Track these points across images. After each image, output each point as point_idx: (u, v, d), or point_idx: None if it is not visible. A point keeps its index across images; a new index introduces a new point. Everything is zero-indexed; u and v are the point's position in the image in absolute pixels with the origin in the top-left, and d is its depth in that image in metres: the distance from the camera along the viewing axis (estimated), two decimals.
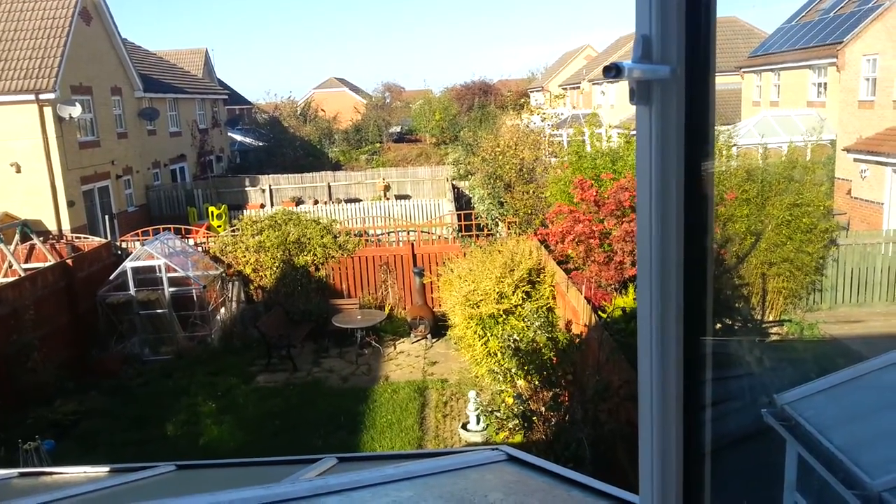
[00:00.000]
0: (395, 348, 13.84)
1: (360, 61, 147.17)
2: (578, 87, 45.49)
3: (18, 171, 18.69)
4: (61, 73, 19.05)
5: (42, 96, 18.55)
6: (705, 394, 1.25)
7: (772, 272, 12.67)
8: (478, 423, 9.76)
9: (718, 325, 10.60)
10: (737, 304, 12.35)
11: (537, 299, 11.34)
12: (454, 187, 26.06)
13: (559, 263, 11.57)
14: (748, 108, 26.91)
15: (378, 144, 43.63)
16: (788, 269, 12.70)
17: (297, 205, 24.99)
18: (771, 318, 12.88)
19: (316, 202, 26.76)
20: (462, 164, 29.16)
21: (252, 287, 15.31)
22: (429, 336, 14.02)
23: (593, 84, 42.94)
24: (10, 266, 14.52)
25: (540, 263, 11.76)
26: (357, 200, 26.94)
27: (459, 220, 17.48)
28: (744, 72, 27.32)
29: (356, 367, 12.95)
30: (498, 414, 8.71)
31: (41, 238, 15.86)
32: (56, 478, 4.26)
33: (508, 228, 16.04)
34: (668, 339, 1.20)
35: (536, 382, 8.66)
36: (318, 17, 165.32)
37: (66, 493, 3.19)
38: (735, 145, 15.81)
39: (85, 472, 4.21)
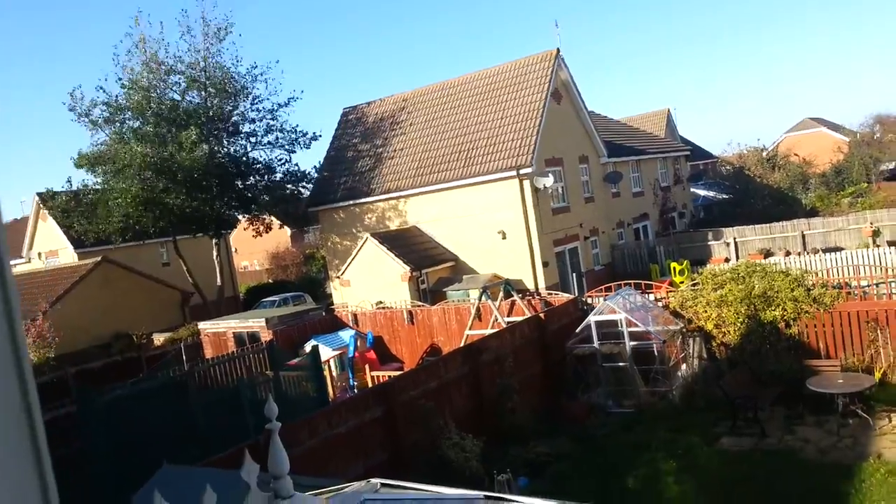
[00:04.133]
0: (889, 421, 11.54)
1: (841, 95, 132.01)
2: None
3: (504, 237, 21.58)
4: (537, 150, 21.54)
5: (521, 171, 21.20)
6: None
7: None
8: None
9: None
10: None
11: None
12: None
13: None
14: None
15: (864, 185, 38.26)
16: None
17: (765, 257, 23.25)
18: None
19: (788, 253, 24.50)
20: None
21: (714, 343, 14.61)
22: None
23: None
24: (496, 319, 16.67)
25: None
26: (838, 249, 23.81)
27: None
28: None
29: (838, 439, 11.17)
30: None
31: (520, 295, 17.86)
32: None
33: None
34: None
35: None
36: (785, 56, 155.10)
37: None
38: None
39: None
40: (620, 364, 14.30)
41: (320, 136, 27.79)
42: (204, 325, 20.41)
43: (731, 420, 12.37)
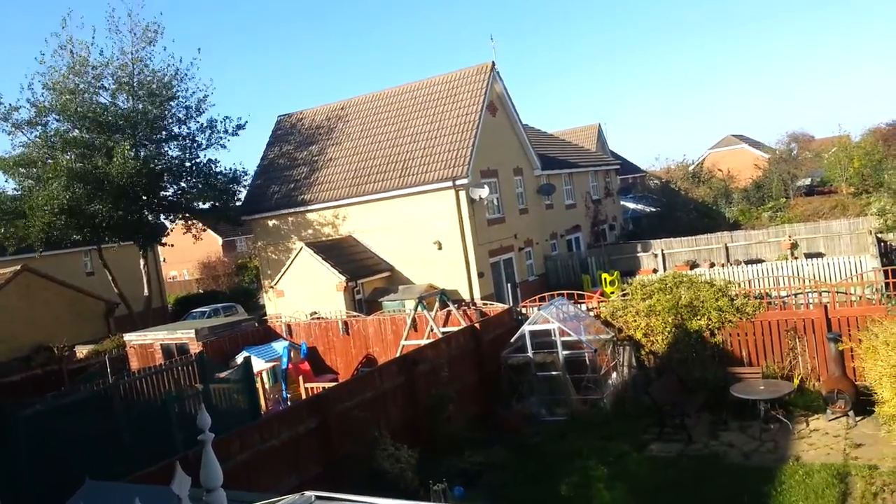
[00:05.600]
0: (807, 425, 12.10)
1: (761, 114, 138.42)
2: None
3: (440, 248, 21.67)
4: (472, 161, 21.74)
5: (457, 182, 21.35)
6: None
7: None
8: None
9: None
10: None
11: None
12: (879, 241, 22.40)
13: None
14: None
15: (783, 200, 40.15)
16: None
17: (691, 268, 24.09)
18: None
19: (712, 265, 25.42)
20: (890, 214, 25.04)
21: (643, 352, 15.01)
22: (850, 413, 11.94)
23: None
24: (431, 329, 16.69)
25: None
26: (759, 261, 24.87)
27: (886, 277, 14.83)
28: None
29: (760, 444, 11.62)
30: None
31: (455, 305, 17.95)
32: None
33: None
34: None
35: None
36: (712, 76, 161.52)
37: None
38: None
39: None
40: (553, 373, 14.52)
41: (246, 123, 27.29)
42: (130, 337, 19.72)
43: (659, 426, 12.72)
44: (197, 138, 26.37)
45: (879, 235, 22.74)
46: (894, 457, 10.18)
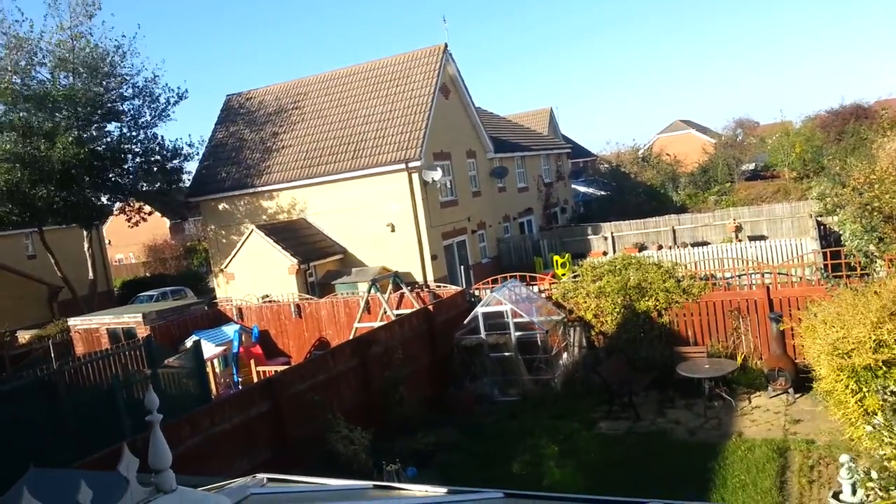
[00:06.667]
0: (749, 402, 12.53)
1: (709, 100, 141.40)
2: None
3: (393, 230, 21.63)
4: (425, 144, 21.69)
5: (410, 164, 21.29)
6: None
7: None
8: (853, 493, 8.20)
9: None
10: None
11: None
12: (819, 224, 23.16)
13: None
14: None
15: (728, 184, 41.16)
16: None
17: (639, 250, 24.56)
18: None
19: (660, 247, 26.00)
20: (829, 198, 25.88)
21: (593, 332, 15.29)
22: (790, 390, 12.40)
23: None
24: (385, 312, 16.69)
25: None
26: (705, 244, 25.53)
27: (825, 258, 15.38)
28: None
29: (704, 420, 11.99)
30: (880, 481, 7.20)
31: (409, 287, 17.97)
32: (402, 492, 4.62)
33: (890, 266, 13.60)
34: None
35: None
36: (664, 62, 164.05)
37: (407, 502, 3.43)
38: None
39: (426, 491, 4.49)
40: (506, 354, 14.68)
41: (187, 91, 26.63)
42: (74, 322, 19.20)
43: (608, 405, 12.99)
44: (142, 113, 25.69)
45: (819, 219, 23.48)
46: (830, 431, 10.61)
